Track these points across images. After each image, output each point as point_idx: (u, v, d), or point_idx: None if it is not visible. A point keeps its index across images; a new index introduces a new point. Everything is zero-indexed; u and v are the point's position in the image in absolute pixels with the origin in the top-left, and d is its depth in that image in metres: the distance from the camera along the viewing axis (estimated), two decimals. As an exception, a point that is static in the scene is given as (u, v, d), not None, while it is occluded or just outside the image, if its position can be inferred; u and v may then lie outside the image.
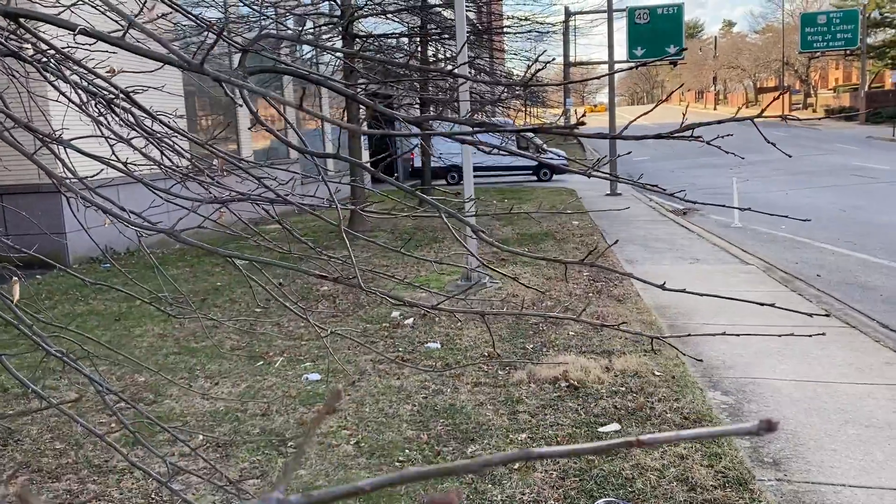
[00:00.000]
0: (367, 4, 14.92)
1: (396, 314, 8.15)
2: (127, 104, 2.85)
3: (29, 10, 2.16)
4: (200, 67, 1.54)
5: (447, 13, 17.25)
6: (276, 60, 1.97)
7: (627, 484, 4.23)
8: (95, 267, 11.45)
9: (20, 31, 2.51)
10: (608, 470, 4.39)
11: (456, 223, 2.17)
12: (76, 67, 2.73)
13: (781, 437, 4.86)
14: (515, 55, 23.71)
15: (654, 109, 1.80)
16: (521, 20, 19.35)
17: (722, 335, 2.05)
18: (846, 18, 45.91)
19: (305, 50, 16.07)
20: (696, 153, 35.60)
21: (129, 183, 3.07)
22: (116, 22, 2.63)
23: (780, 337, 1.90)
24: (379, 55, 15.20)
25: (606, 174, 2.41)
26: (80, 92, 2.86)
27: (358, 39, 15.04)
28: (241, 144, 16.79)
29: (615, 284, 9.37)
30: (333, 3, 14.78)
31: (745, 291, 8.84)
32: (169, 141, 3.06)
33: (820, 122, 51.68)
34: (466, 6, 12.08)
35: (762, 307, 1.95)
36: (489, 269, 2.20)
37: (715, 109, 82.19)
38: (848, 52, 48.50)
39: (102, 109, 2.99)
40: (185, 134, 2.55)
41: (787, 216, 2.11)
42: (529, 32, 19.20)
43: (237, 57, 1.98)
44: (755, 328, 6.93)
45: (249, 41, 1.99)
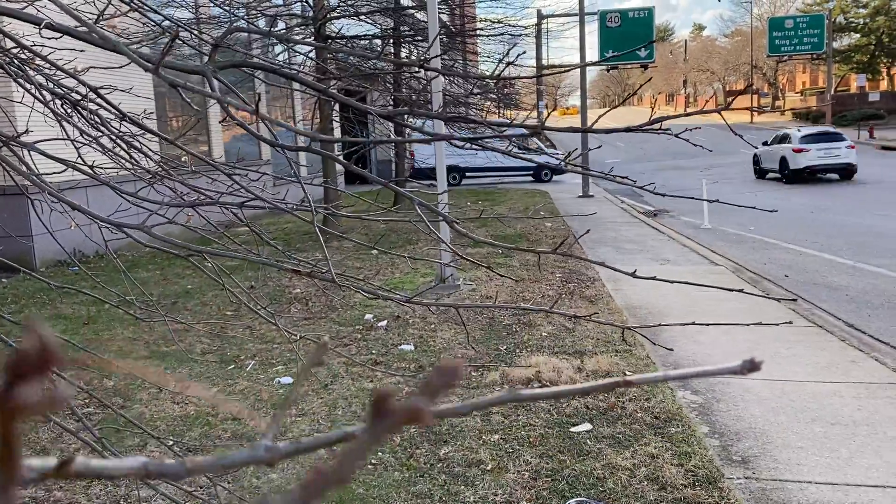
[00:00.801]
0: (339, 5, 14.87)
1: (370, 316, 8.13)
2: (94, 105, 2.81)
3: (-9, 8, 2.12)
4: (156, 70, 1.53)
5: (420, 15, 17.26)
6: (246, 54, 1.95)
7: (599, 484, 4.26)
8: (64, 270, 11.27)
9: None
10: (580, 470, 4.42)
11: (431, 220, 2.17)
12: (42, 65, 2.68)
13: (750, 435, 4.92)
14: (489, 58, 23.77)
15: (622, 104, 1.83)
16: (493, 23, 19.42)
17: (692, 324, 2.08)
18: (812, 23, 46.68)
19: (278, 51, 15.97)
20: (666, 156, 35.99)
21: (97, 185, 3.03)
22: (83, 22, 2.59)
23: (747, 326, 1.94)
24: (349, 51, 15.16)
25: (580, 168, 2.43)
26: (45, 93, 2.82)
27: (330, 40, 14.98)
28: (212, 146, 16.64)
29: (587, 286, 9.44)
30: (306, 3, 14.72)
31: (714, 291, 8.93)
32: (137, 142, 3.02)
33: (787, 125, 52.51)
34: (439, 9, 12.11)
35: (731, 310, 1.98)
36: (464, 258, 2.20)
37: (686, 111, 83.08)
38: (814, 56, 49.31)
39: (69, 110, 2.95)
40: (152, 132, 2.52)
41: (753, 207, 2.15)
42: (502, 35, 19.26)
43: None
44: (728, 323, 7.02)
45: (220, 36, 1.98)
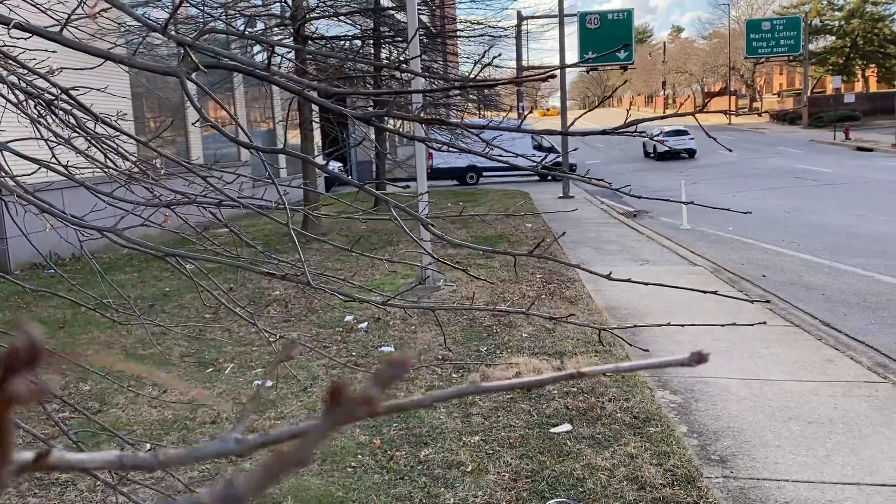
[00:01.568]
0: (319, 6, 14.82)
1: (350, 318, 8.10)
2: (68, 105, 2.78)
3: (-40, 6, 2.08)
4: (132, 61, 1.51)
5: (400, 16, 17.24)
6: (221, 55, 1.93)
7: (578, 484, 4.27)
8: (39, 273, 11.12)
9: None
10: (559, 471, 4.42)
11: (410, 225, 2.16)
12: (13, 65, 2.64)
13: (728, 434, 4.96)
14: (469, 59, 23.81)
15: (599, 105, 1.83)
16: (473, 24, 19.45)
17: (667, 325, 2.09)
18: (789, 25, 47.24)
19: (256, 50, 15.89)
20: (645, 158, 36.22)
21: (72, 187, 2.99)
22: (55, 18, 2.56)
23: (722, 326, 1.95)
24: (327, 53, 15.11)
25: (560, 171, 2.43)
26: (17, 92, 2.78)
27: (310, 42, 14.92)
28: (190, 147, 16.51)
29: (567, 286, 9.47)
30: (285, 4, 14.65)
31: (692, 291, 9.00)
32: (113, 143, 2.98)
33: (764, 126, 53.05)
34: (419, 10, 12.10)
35: (710, 309, 1.98)
36: (442, 262, 2.20)
37: (664, 113, 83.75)
38: (791, 58, 49.89)
39: (42, 111, 2.91)
40: (125, 133, 2.49)
41: (728, 209, 2.16)
42: (482, 36, 19.29)
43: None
44: (703, 324, 7.07)
45: (193, 37, 1.96)
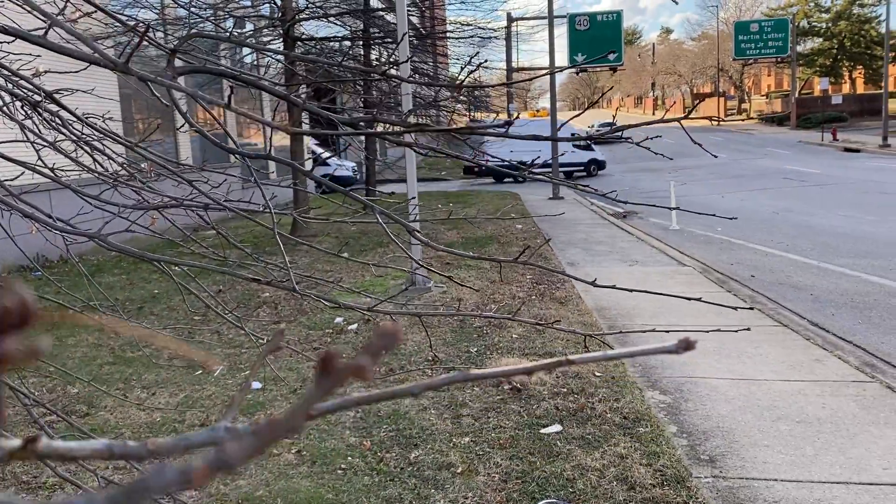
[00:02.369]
0: (308, 7, 14.80)
1: (340, 320, 8.09)
2: (54, 107, 2.76)
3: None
4: (125, 67, 1.50)
5: (390, 17, 17.23)
6: (206, 60, 1.93)
7: (569, 485, 4.28)
8: (26, 275, 11.05)
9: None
10: (550, 471, 4.43)
11: (397, 230, 2.16)
12: (-2, 68, 2.62)
13: (717, 434, 4.98)
14: (458, 60, 23.83)
15: (585, 111, 1.84)
16: (463, 25, 19.46)
17: (652, 331, 2.10)
18: (777, 27, 47.51)
19: (245, 53, 15.85)
20: (636, 158, 36.36)
21: (59, 189, 2.97)
22: (41, 19, 2.54)
23: (707, 332, 1.96)
24: (316, 54, 15.09)
25: (546, 176, 2.44)
26: (3, 94, 2.76)
27: (299, 43, 14.89)
28: (178, 148, 16.44)
29: (557, 287, 9.48)
30: (274, 5, 14.62)
31: (682, 291, 9.04)
32: (100, 145, 2.97)
33: (752, 127, 53.35)
34: (409, 11, 12.09)
35: (699, 309, 1.99)
36: (428, 269, 2.20)
37: (654, 115, 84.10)
38: (779, 59, 50.18)
39: (28, 112, 2.89)
40: (112, 135, 2.47)
41: (714, 215, 2.17)
42: (472, 38, 19.30)
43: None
44: (691, 327, 7.09)
45: (180, 41, 1.95)
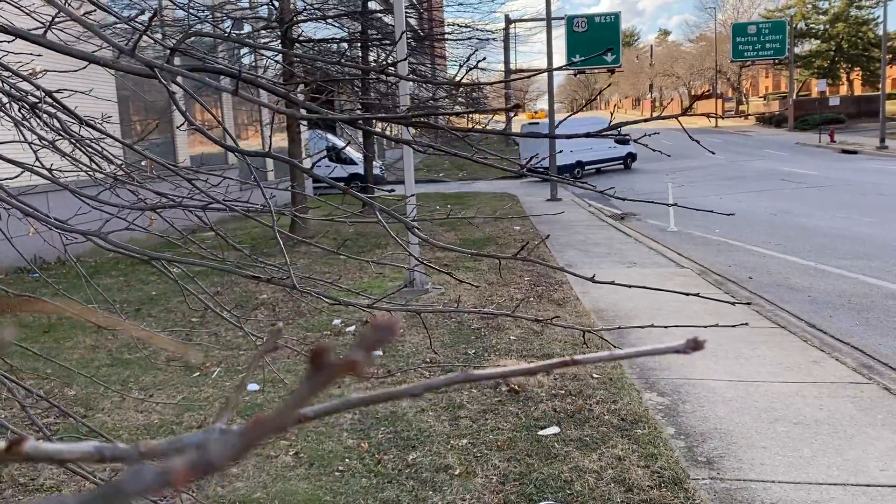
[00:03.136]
0: (306, 9, 14.80)
1: (338, 321, 8.08)
2: (52, 108, 2.76)
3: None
4: (132, 52, 1.50)
5: (388, 19, 17.24)
6: (205, 58, 1.92)
7: (566, 487, 4.28)
8: (24, 277, 11.03)
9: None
10: (548, 473, 4.43)
11: (397, 228, 2.16)
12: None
13: (715, 436, 4.98)
14: (456, 62, 23.83)
15: (585, 107, 1.84)
16: (461, 27, 19.49)
17: (651, 326, 2.10)
18: (774, 29, 47.59)
19: (243, 53, 15.84)
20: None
21: (57, 190, 2.97)
22: (39, 21, 2.54)
23: (706, 328, 1.96)
24: (314, 54, 15.10)
25: (545, 174, 2.44)
26: (0, 95, 2.76)
27: (297, 44, 14.89)
28: (177, 149, 16.43)
29: (555, 288, 9.48)
30: (272, 6, 14.62)
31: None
32: (98, 146, 2.97)
33: (750, 128, 53.41)
34: (407, 12, 12.10)
35: (696, 311, 1.99)
36: (427, 265, 2.20)
37: (651, 116, 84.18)
38: (776, 61, 50.28)
39: (26, 113, 2.89)
40: (110, 136, 2.47)
41: (711, 211, 2.18)
42: (470, 39, 19.32)
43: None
44: (686, 325, 7.10)
45: (178, 40, 1.95)
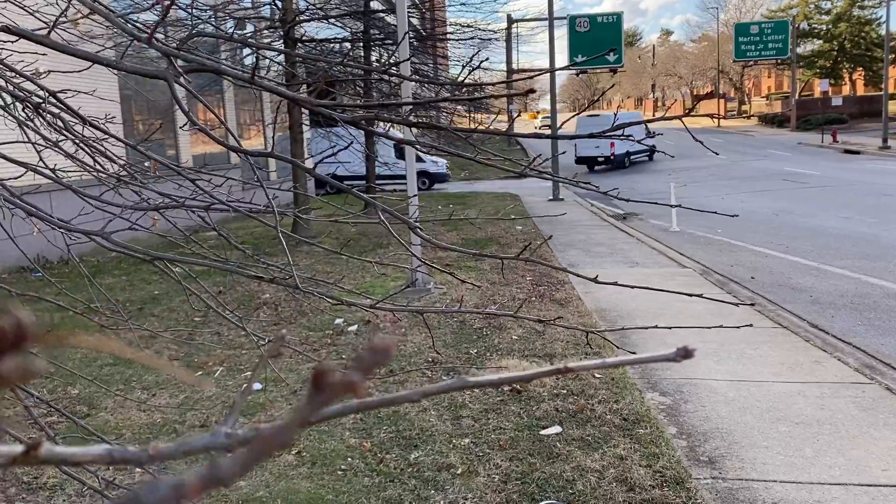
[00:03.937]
0: (308, 9, 14.82)
1: (340, 321, 8.09)
2: (56, 108, 2.77)
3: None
4: (150, 40, 1.51)
5: (390, 19, 17.26)
6: (208, 59, 1.93)
7: (568, 486, 4.28)
8: (26, 276, 11.06)
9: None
10: (550, 472, 4.43)
11: (398, 229, 2.17)
12: (1, 68, 2.63)
13: (717, 436, 4.99)
14: (459, 62, 23.84)
15: (588, 107, 1.85)
16: (464, 27, 19.49)
17: (654, 327, 2.10)
18: (777, 29, 47.53)
19: (245, 53, 15.87)
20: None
21: (60, 190, 2.98)
22: (43, 21, 2.55)
23: (710, 329, 1.97)
24: (317, 55, 15.11)
25: (548, 174, 2.44)
26: (4, 95, 2.77)
27: (300, 44, 14.91)
28: (179, 150, 16.46)
29: (557, 288, 9.49)
30: (275, 6, 14.64)
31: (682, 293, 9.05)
32: (101, 146, 2.97)
33: (752, 128, 53.36)
34: (409, 12, 12.11)
35: (699, 312, 2.00)
36: (430, 265, 2.21)
37: (653, 116, 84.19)
38: (779, 61, 50.21)
39: (30, 114, 2.90)
40: (114, 136, 2.49)
41: (715, 212, 2.18)
42: (472, 39, 19.33)
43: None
44: (691, 326, 7.10)
45: (181, 40, 1.96)
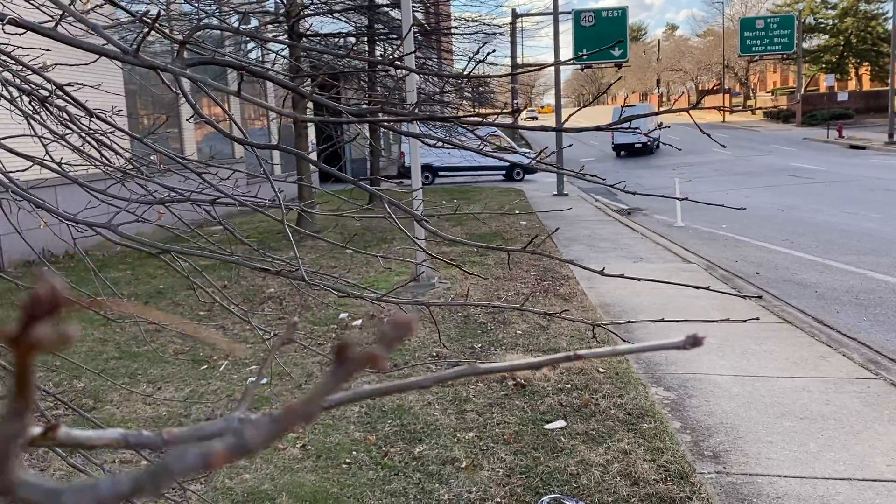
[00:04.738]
0: (313, 3, 14.80)
1: (344, 315, 8.11)
2: (62, 102, 2.77)
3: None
4: (136, 54, 1.51)
5: (394, 13, 17.23)
6: (215, 52, 1.94)
7: (572, 480, 4.29)
8: (32, 270, 11.09)
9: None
10: (553, 467, 4.44)
11: (404, 223, 2.17)
12: (7, 61, 2.64)
13: (721, 430, 4.99)
14: (463, 57, 23.81)
15: (593, 102, 1.85)
16: (468, 21, 19.45)
17: (661, 321, 2.10)
18: (783, 24, 47.32)
19: (250, 48, 15.86)
20: (638, 155, 36.26)
21: (66, 184, 2.99)
22: (49, 15, 2.55)
23: (717, 322, 1.97)
24: (321, 47, 15.10)
25: (552, 166, 2.44)
26: (11, 89, 2.77)
27: (304, 39, 14.90)
28: (184, 143, 16.48)
29: (561, 284, 9.49)
30: (279, 1, 14.62)
31: (687, 288, 9.04)
32: (107, 140, 2.98)
33: (757, 124, 53.21)
34: (413, 7, 12.08)
35: (704, 307, 2.00)
36: (435, 258, 2.21)
37: (658, 110, 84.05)
38: (785, 56, 50.02)
39: (36, 107, 2.90)
40: (121, 129, 2.49)
41: (722, 205, 2.17)
42: (477, 34, 19.29)
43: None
44: (697, 320, 7.10)
45: (188, 33, 1.96)
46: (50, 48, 2.63)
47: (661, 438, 4.79)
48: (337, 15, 15.58)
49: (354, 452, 4.79)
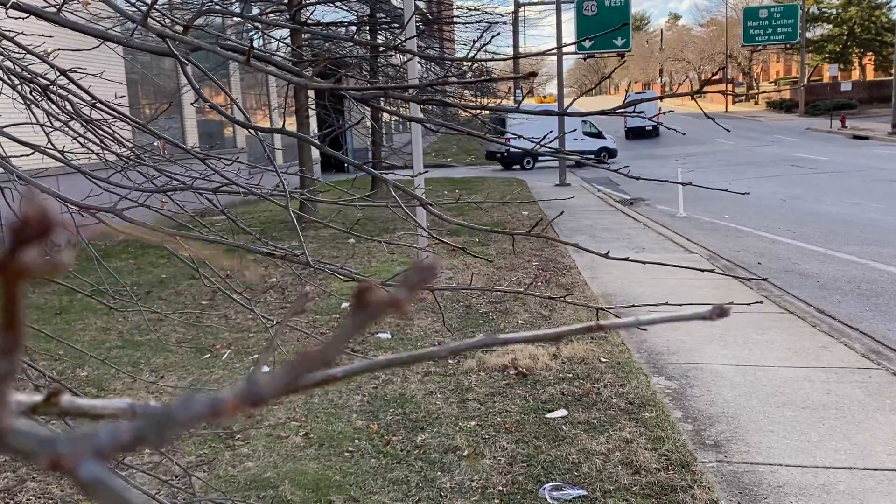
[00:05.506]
0: (315, -8, 14.73)
1: (346, 304, 8.12)
2: (64, 91, 2.77)
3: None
4: (144, 21, 1.50)
5: (396, 2, 17.17)
6: (218, 36, 1.93)
7: (574, 468, 4.31)
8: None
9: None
10: (555, 455, 4.46)
11: (407, 205, 2.17)
12: (9, 47, 2.63)
13: (722, 420, 5.00)
14: (465, 46, 23.73)
15: (594, 89, 1.85)
16: (470, 10, 19.39)
17: (665, 304, 2.10)
18: (786, 13, 47.10)
19: (253, 34, 15.82)
20: (642, 144, 36.20)
21: (68, 173, 2.98)
22: (49, 2, 2.54)
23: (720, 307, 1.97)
24: (325, 35, 15.05)
25: (556, 152, 2.44)
26: (13, 77, 2.77)
27: (306, 28, 14.85)
28: (185, 133, 16.46)
29: (563, 274, 9.49)
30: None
31: (688, 279, 9.05)
32: (109, 128, 2.98)
33: (760, 114, 53.04)
34: (415, -5, 12.05)
35: (706, 296, 2.00)
36: (439, 240, 2.21)
37: (660, 96, 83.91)
38: (788, 45, 49.81)
39: (38, 95, 2.90)
40: (123, 116, 2.49)
41: (726, 190, 2.17)
42: (479, 23, 19.23)
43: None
44: (700, 304, 7.09)
45: (191, 18, 1.95)
46: (52, 35, 2.63)
47: (662, 427, 4.80)
48: (339, 4, 15.52)
49: (357, 441, 4.80)
